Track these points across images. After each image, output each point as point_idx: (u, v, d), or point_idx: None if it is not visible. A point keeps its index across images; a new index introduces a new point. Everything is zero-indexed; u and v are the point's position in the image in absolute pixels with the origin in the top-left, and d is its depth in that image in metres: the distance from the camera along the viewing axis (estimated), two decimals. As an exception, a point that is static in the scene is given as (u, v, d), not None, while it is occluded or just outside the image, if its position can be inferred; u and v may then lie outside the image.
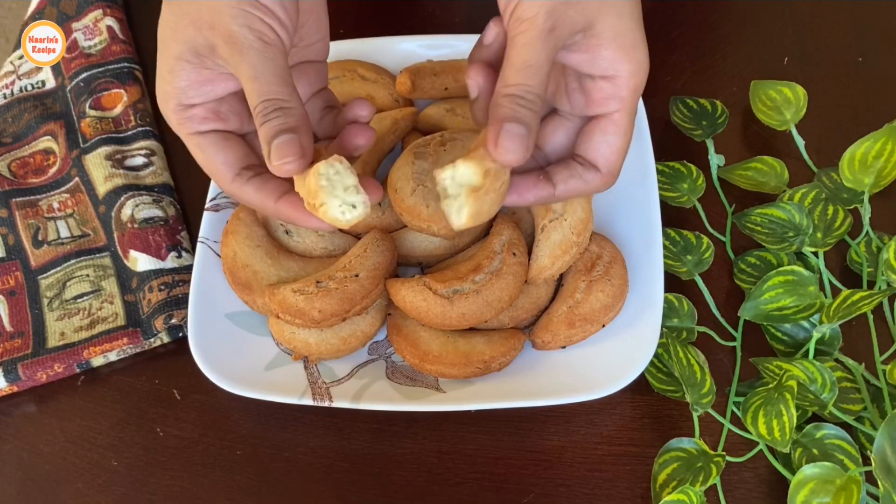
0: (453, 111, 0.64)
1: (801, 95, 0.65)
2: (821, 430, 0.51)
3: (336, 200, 0.43)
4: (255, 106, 0.44)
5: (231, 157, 0.48)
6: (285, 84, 0.44)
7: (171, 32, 0.45)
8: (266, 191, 0.47)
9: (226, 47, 0.44)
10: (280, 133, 0.43)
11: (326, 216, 0.43)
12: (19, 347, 0.59)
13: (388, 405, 0.53)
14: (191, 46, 0.45)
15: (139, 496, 0.54)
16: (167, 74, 0.46)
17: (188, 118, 0.47)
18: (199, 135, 0.47)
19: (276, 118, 0.44)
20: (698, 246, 0.60)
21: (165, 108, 0.47)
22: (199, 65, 0.45)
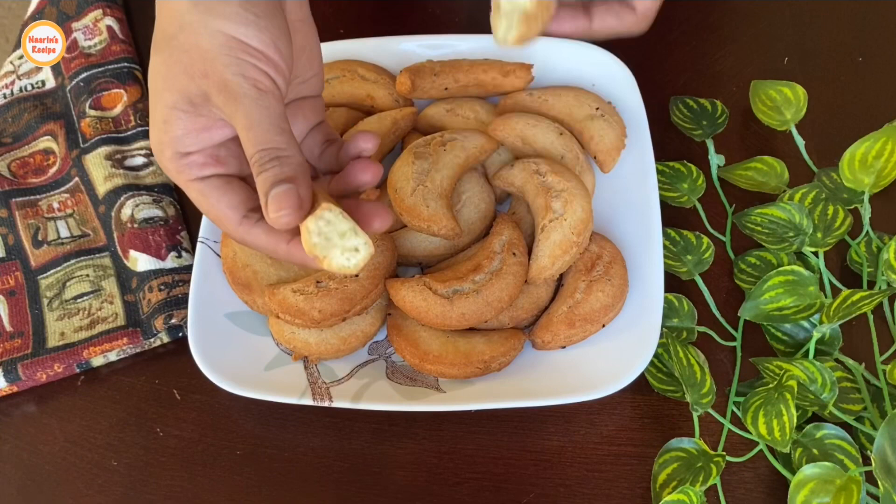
0: (453, 111, 0.64)
1: (801, 95, 0.65)
2: (821, 430, 0.51)
3: (336, 250, 0.42)
4: (251, 155, 0.43)
5: (236, 199, 0.46)
6: (282, 132, 0.43)
7: (162, 82, 0.44)
8: (276, 233, 0.45)
9: (220, 96, 0.42)
10: (277, 183, 0.42)
11: (332, 267, 0.42)
12: (19, 347, 0.59)
13: (388, 405, 0.53)
14: (184, 95, 0.43)
15: (139, 496, 0.54)
16: (161, 124, 0.45)
17: (187, 165, 0.45)
18: (199, 181, 0.46)
19: (273, 167, 0.42)
20: (698, 246, 0.60)
21: (161, 157, 0.46)
22: (194, 113, 0.44)
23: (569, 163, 0.59)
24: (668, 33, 0.73)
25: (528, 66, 0.63)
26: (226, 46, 0.42)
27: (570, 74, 0.65)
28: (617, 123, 0.61)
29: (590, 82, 0.64)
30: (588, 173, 0.60)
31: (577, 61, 0.65)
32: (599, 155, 0.60)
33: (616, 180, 0.61)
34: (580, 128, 0.61)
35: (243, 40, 0.42)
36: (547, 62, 0.65)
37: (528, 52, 0.65)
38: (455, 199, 0.59)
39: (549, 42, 0.66)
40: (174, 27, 0.43)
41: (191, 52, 0.43)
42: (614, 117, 0.61)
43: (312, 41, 0.50)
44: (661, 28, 0.73)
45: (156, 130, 0.45)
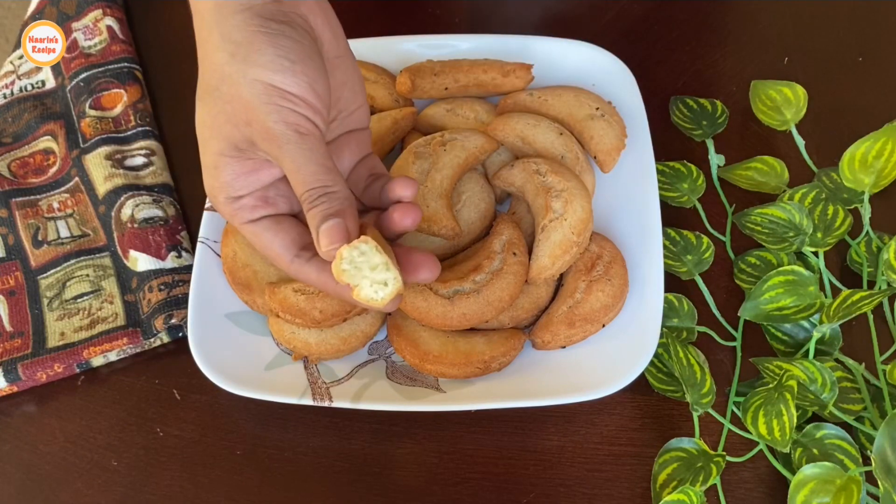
0: (453, 111, 0.64)
1: (801, 95, 0.65)
2: (821, 430, 0.51)
3: (366, 281, 0.43)
4: (300, 195, 0.45)
5: (287, 239, 0.48)
6: (327, 171, 0.45)
7: (209, 131, 0.46)
8: (327, 271, 0.46)
9: (265, 143, 0.44)
10: (327, 218, 0.44)
11: (360, 297, 0.44)
12: (19, 347, 0.59)
13: (388, 405, 0.53)
14: (231, 142, 0.45)
15: (139, 496, 0.54)
16: (213, 170, 0.47)
17: (239, 209, 0.48)
18: (252, 223, 0.48)
19: (322, 204, 0.44)
20: (698, 246, 0.60)
21: (216, 201, 0.48)
22: (242, 157, 0.46)
23: (569, 163, 0.59)
24: (668, 33, 0.73)
25: (528, 66, 0.63)
26: (265, 94, 0.43)
27: (570, 74, 0.65)
28: (617, 123, 0.61)
29: (590, 82, 0.64)
30: (588, 173, 0.60)
31: (577, 61, 0.65)
32: (599, 155, 0.60)
33: (616, 180, 0.61)
34: (580, 128, 0.61)
35: (280, 87, 0.44)
36: (547, 62, 0.65)
37: (528, 53, 0.65)
38: (455, 199, 0.59)
39: (549, 42, 0.66)
40: (216, 79, 0.45)
41: (233, 102, 0.44)
42: (614, 117, 0.61)
43: (353, 75, 0.51)
44: (661, 28, 0.73)
45: (208, 177, 0.48)
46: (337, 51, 0.49)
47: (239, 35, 0.44)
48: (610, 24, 0.74)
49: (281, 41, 0.44)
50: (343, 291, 0.46)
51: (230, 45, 0.44)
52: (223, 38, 0.44)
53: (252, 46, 0.43)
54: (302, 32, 0.45)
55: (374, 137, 0.61)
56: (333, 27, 0.49)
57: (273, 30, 0.44)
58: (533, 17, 0.75)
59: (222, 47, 0.44)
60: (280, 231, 0.48)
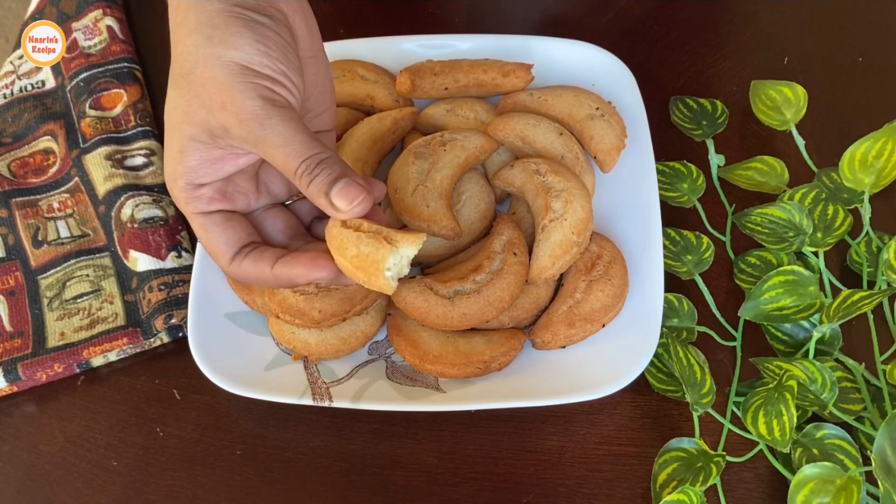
0: (453, 111, 0.64)
1: (801, 95, 0.65)
2: (821, 430, 0.51)
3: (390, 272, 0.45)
4: (295, 169, 0.44)
5: (233, 237, 0.48)
6: (314, 139, 0.45)
7: (182, 115, 0.45)
8: (263, 260, 0.47)
9: (242, 125, 0.43)
10: (334, 182, 0.44)
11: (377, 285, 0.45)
12: (19, 347, 0.59)
13: (388, 405, 0.53)
14: (204, 128, 0.45)
15: (139, 496, 0.54)
16: (177, 154, 0.46)
17: (196, 198, 0.47)
18: (203, 215, 0.48)
19: (323, 170, 0.44)
20: (698, 246, 0.60)
21: (174, 186, 0.47)
22: (212, 144, 0.45)
23: (569, 163, 0.59)
24: (668, 33, 0.73)
25: (528, 67, 0.63)
26: (239, 74, 0.43)
27: (570, 74, 0.65)
28: (617, 123, 0.61)
29: (590, 82, 0.64)
30: (588, 173, 0.60)
31: (577, 61, 0.65)
32: (599, 155, 0.60)
33: (616, 180, 0.61)
34: (580, 128, 0.61)
35: (255, 68, 0.43)
36: (547, 62, 0.65)
37: (528, 53, 0.65)
38: (455, 199, 0.59)
39: (549, 42, 0.66)
40: (190, 62, 0.44)
41: (207, 85, 0.44)
42: (614, 117, 0.61)
43: (325, 77, 0.51)
44: (661, 28, 0.73)
45: (171, 160, 0.47)
46: (311, 50, 0.49)
47: (217, 19, 0.43)
48: (610, 24, 0.74)
49: (259, 29, 0.44)
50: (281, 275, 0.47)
51: (207, 29, 0.43)
52: (200, 22, 0.43)
53: (229, 30, 0.43)
54: (280, 26, 0.45)
55: (374, 137, 0.61)
56: (310, 26, 0.48)
57: (251, 18, 0.44)
58: (533, 17, 0.75)
59: (198, 31, 0.43)
60: (228, 227, 0.48)
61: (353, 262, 0.45)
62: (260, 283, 0.49)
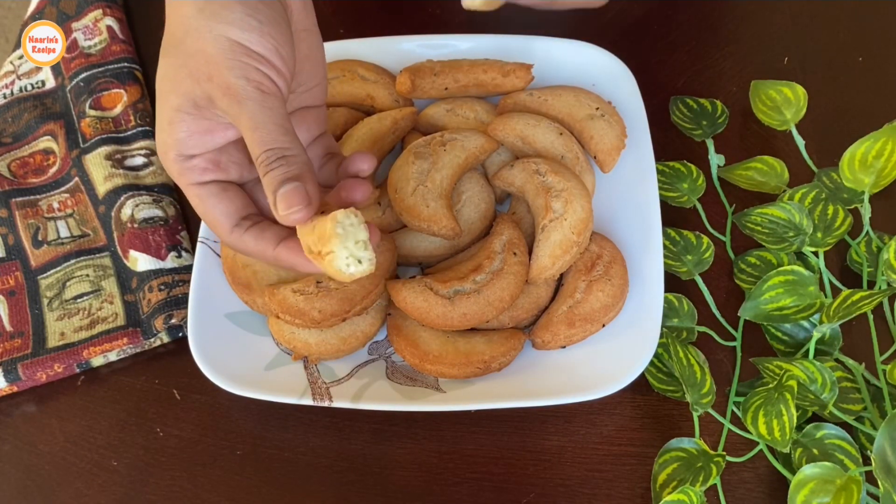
0: (453, 111, 0.64)
1: (801, 95, 0.65)
2: (821, 430, 0.51)
3: (344, 252, 0.42)
4: (257, 156, 0.44)
5: (231, 207, 0.48)
6: (286, 132, 0.44)
7: (169, 85, 0.45)
8: (265, 239, 0.47)
9: (224, 99, 0.43)
10: (285, 182, 0.43)
11: (331, 266, 0.43)
12: (19, 347, 0.59)
13: (388, 405, 0.53)
14: (189, 98, 0.44)
15: (139, 496, 0.54)
16: (167, 126, 0.46)
17: (188, 169, 0.47)
18: (198, 185, 0.47)
19: (280, 167, 0.43)
20: (698, 246, 0.60)
21: (166, 158, 0.47)
22: (199, 115, 0.45)
23: (569, 163, 0.59)
24: (668, 33, 0.73)
25: (528, 66, 0.63)
26: (229, 50, 0.43)
27: (570, 74, 0.65)
28: (617, 123, 0.61)
29: (590, 82, 0.64)
30: (588, 173, 0.60)
31: (577, 61, 0.65)
32: (599, 155, 0.60)
33: (616, 180, 0.61)
34: (580, 128, 0.61)
35: (246, 45, 0.43)
36: (547, 62, 0.65)
37: (528, 53, 0.65)
38: (455, 199, 0.59)
39: (549, 42, 0.66)
40: (181, 32, 0.44)
41: (196, 56, 0.43)
42: (614, 117, 0.61)
43: (317, 51, 0.50)
44: (661, 28, 0.73)
45: (161, 132, 0.46)
46: (305, 24, 0.49)
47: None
48: (610, 24, 0.74)
49: (251, 2, 0.43)
50: (282, 257, 0.46)
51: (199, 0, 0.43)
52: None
53: (221, 2, 0.43)
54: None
55: (374, 137, 0.61)
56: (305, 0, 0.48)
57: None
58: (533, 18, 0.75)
59: (191, 1, 0.43)
60: (225, 198, 0.48)
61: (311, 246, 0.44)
62: (259, 259, 0.49)
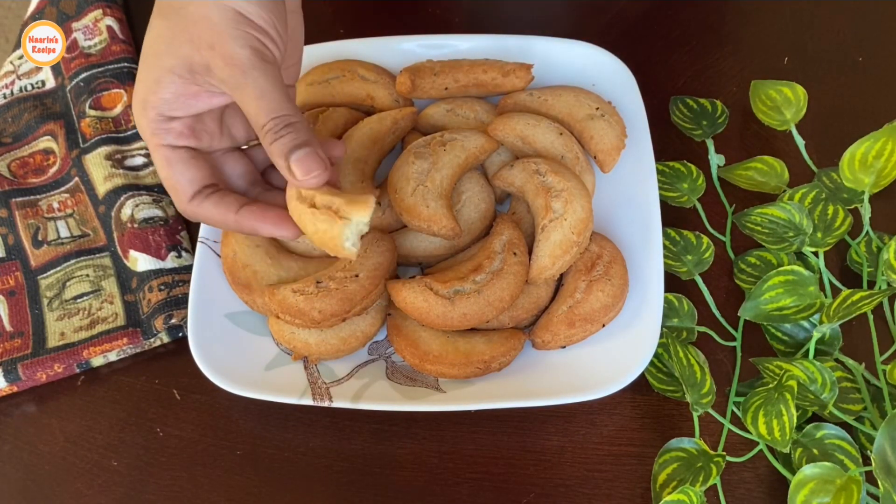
0: (453, 111, 0.64)
1: (801, 95, 0.65)
2: (821, 430, 0.51)
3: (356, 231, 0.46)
4: (263, 124, 0.45)
5: (197, 175, 0.48)
6: (290, 100, 0.46)
7: (164, 47, 0.46)
8: (225, 205, 0.48)
9: (227, 69, 0.44)
10: (296, 148, 0.45)
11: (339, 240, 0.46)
12: (19, 347, 0.59)
13: (388, 405, 0.53)
14: (185, 62, 0.45)
15: (139, 496, 0.54)
16: (153, 84, 0.46)
17: (165, 130, 0.47)
18: (170, 148, 0.48)
19: (289, 134, 0.45)
20: (698, 246, 0.60)
21: (142, 115, 0.47)
22: (190, 80, 0.46)
23: (569, 163, 0.59)
24: (668, 33, 0.73)
25: (528, 67, 0.63)
26: (233, 21, 0.44)
27: (570, 74, 0.65)
28: (617, 123, 0.61)
29: (590, 82, 0.64)
30: (588, 173, 0.60)
31: (577, 61, 0.65)
32: (599, 155, 0.60)
33: (616, 180, 0.61)
34: (580, 128, 0.61)
35: (248, 17, 0.44)
36: (547, 62, 0.65)
37: (528, 53, 0.65)
38: (455, 199, 0.59)
39: (549, 42, 0.66)
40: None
41: (199, 23, 0.44)
42: (614, 117, 0.61)
43: (298, 31, 0.52)
44: (661, 28, 0.73)
45: (143, 88, 0.47)
46: (293, 5, 0.50)
47: None
48: (610, 24, 0.74)
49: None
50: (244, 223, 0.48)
51: None
52: None
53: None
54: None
55: (374, 137, 0.61)
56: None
57: None
58: (533, 17, 0.75)
59: None
60: (193, 165, 0.48)
61: (314, 238, 0.48)
62: (217, 225, 0.50)
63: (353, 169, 0.59)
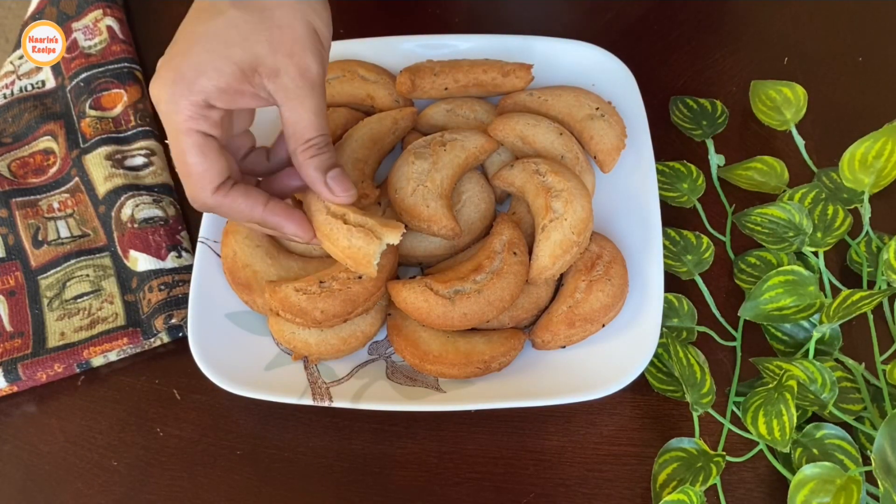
0: (453, 111, 0.64)
1: (801, 95, 0.65)
2: (821, 430, 0.51)
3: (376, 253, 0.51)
4: (310, 138, 0.48)
5: (224, 166, 0.48)
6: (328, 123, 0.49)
7: (239, 38, 0.46)
8: (253, 197, 0.49)
9: (298, 79, 0.46)
10: (331, 168, 0.50)
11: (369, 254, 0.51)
12: (19, 347, 0.59)
13: (388, 405, 0.53)
14: (255, 60, 0.46)
15: (139, 496, 0.54)
16: (210, 70, 0.45)
17: (204, 117, 0.47)
18: (203, 136, 0.47)
19: (329, 153, 0.49)
20: (698, 246, 0.60)
21: (184, 97, 0.46)
22: (247, 79, 0.46)
23: (569, 163, 0.59)
24: (668, 33, 0.73)
25: (528, 67, 0.63)
26: (313, 37, 0.47)
27: (570, 74, 0.65)
28: (617, 123, 0.61)
29: (590, 82, 0.65)
30: (588, 173, 0.60)
31: (577, 61, 0.65)
32: (599, 155, 0.60)
33: (616, 180, 0.61)
34: (580, 128, 0.61)
35: (320, 36, 0.48)
36: (547, 62, 0.65)
37: (528, 53, 0.65)
38: (455, 199, 0.59)
39: (549, 42, 0.66)
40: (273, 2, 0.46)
41: (284, 29, 0.46)
42: (614, 117, 0.61)
43: None
44: (661, 28, 0.73)
45: (193, 71, 0.46)
46: None
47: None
48: (610, 24, 0.74)
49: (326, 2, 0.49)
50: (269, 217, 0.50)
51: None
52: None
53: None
54: None
55: (374, 137, 0.61)
56: None
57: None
58: (533, 17, 0.75)
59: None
60: (223, 156, 0.48)
61: (344, 252, 0.52)
62: (241, 217, 0.50)
63: (353, 169, 0.59)
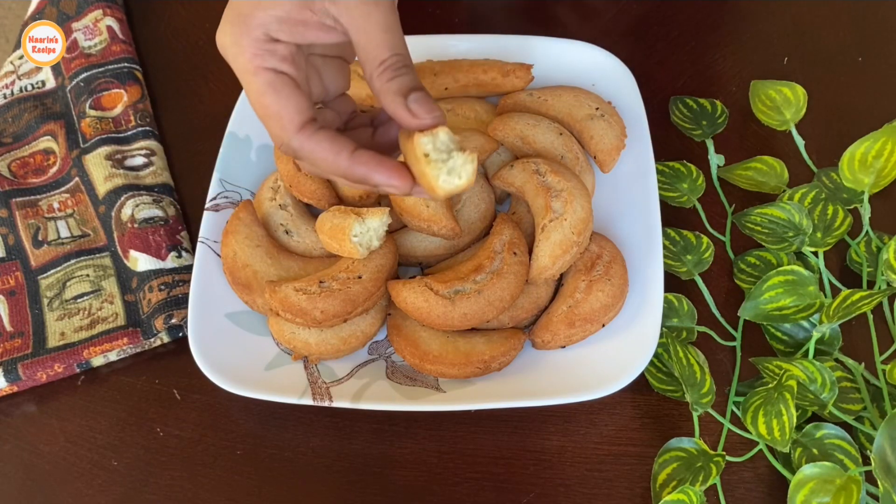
0: (453, 111, 0.64)
1: (801, 95, 0.65)
2: (821, 430, 0.51)
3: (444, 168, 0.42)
4: (385, 59, 0.42)
5: (304, 104, 0.43)
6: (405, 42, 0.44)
7: None
8: (341, 141, 0.43)
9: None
10: (413, 90, 0.42)
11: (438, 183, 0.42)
12: (19, 347, 0.59)
13: (388, 405, 0.53)
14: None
15: (139, 496, 0.54)
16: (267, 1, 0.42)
17: (270, 52, 0.42)
18: (274, 73, 0.43)
19: (409, 74, 0.43)
20: (698, 246, 0.60)
21: (244, 34, 0.42)
22: (306, 6, 0.42)
23: (569, 163, 0.59)
24: (668, 33, 0.73)
25: (528, 67, 0.63)
26: None
27: (570, 74, 0.65)
28: (617, 123, 0.61)
29: (590, 82, 0.65)
30: (588, 173, 0.60)
31: (577, 61, 0.65)
32: (599, 155, 0.60)
33: (616, 180, 0.61)
34: (580, 128, 0.61)
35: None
36: (547, 62, 0.65)
37: (528, 53, 0.65)
38: (455, 199, 0.59)
39: (549, 42, 0.66)
40: None
41: None
42: (614, 117, 0.61)
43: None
44: (661, 28, 0.73)
45: (249, 4, 0.42)
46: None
47: None
48: (610, 24, 0.74)
49: None
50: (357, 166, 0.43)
51: None
52: None
53: None
54: None
55: (374, 137, 0.61)
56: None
57: None
58: (533, 18, 0.75)
59: None
60: (300, 94, 0.43)
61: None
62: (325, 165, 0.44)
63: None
